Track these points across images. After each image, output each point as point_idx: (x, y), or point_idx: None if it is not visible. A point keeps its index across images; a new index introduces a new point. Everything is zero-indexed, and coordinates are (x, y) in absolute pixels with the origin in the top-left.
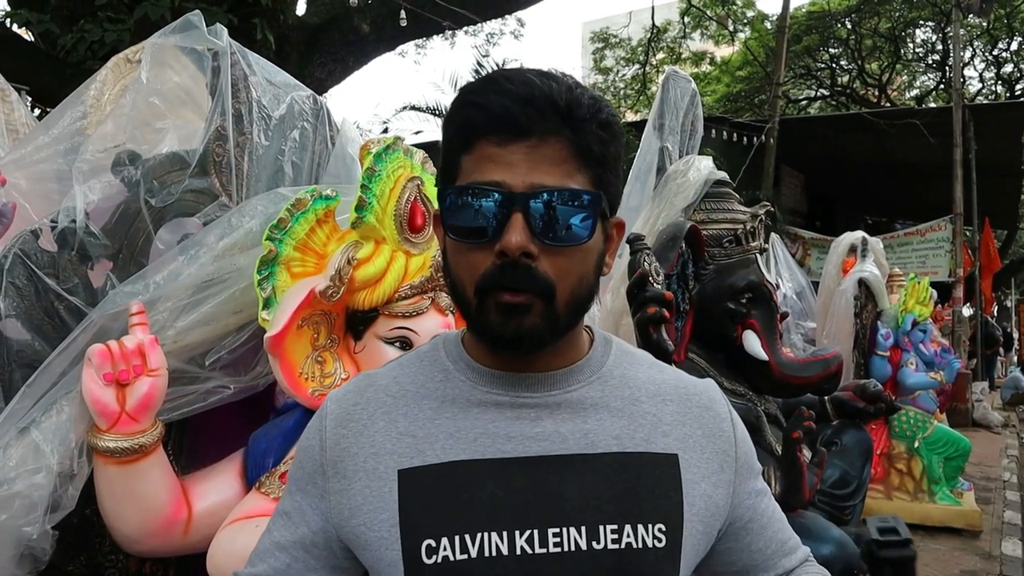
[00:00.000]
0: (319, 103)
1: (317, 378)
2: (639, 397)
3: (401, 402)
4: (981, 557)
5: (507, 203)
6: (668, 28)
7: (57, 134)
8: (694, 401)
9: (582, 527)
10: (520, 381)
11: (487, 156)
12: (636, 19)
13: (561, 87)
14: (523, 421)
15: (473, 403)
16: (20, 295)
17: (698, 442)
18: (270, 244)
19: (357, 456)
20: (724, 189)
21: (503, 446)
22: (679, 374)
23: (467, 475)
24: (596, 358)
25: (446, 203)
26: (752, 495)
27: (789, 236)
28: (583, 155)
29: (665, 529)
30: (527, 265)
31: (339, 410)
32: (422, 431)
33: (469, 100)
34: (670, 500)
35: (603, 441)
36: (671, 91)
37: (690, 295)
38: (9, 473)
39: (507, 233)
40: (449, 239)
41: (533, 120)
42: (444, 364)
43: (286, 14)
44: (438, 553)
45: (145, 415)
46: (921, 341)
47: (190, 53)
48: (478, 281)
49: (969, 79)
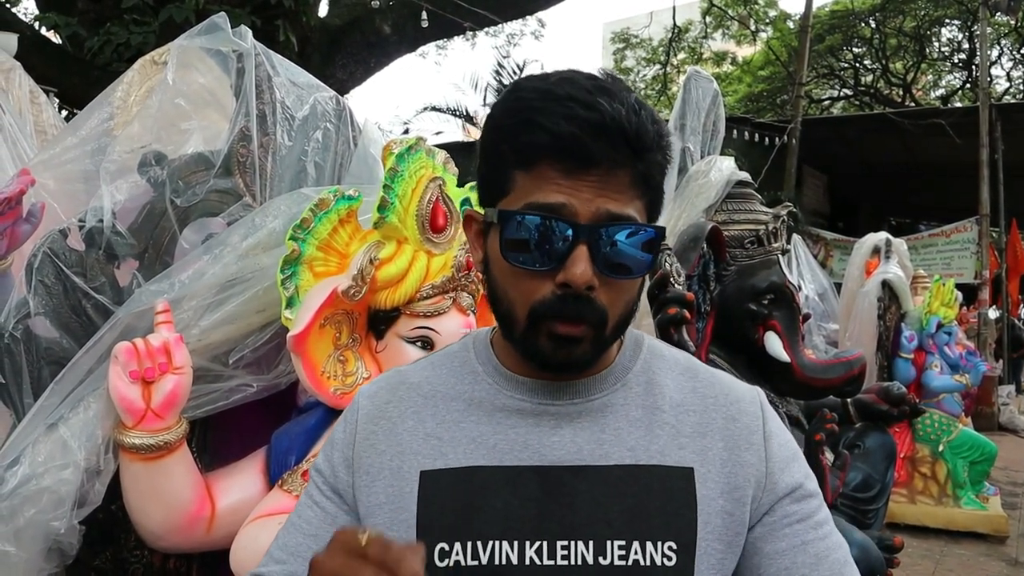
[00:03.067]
0: (342, 104)
1: (339, 377)
2: (661, 406)
3: (431, 403)
4: (1007, 563)
5: (574, 234)
6: (689, 28)
7: (85, 135)
8: (721, 411)
9: (590, 541)
10: (544, 388)
11: (550, 179)
12: (657, 19)
13: (627, 110)
14: (543, 428)
15: (497, 408)
16: (49, 293)
17: (718, 455)
18: (293, 244)
19: (384, 454)
20: (746, 190)
21: (520, 453)
22: (715, 381)
23: (484, 481)
24: (622, 363)
25: (504, 223)
26: (775, 513)
27: (811, 237)
28: (644, 183)
29: (676, 547)
30: (588, 297)
31: (371, 407)
32: (447, 433)
33: (534, 121)
34: (682, 517)
35: (616, 452)
36: (693, 91)
37: (711, 296)
38: (38, 468)
39: (572, 266)
40: (504, 262)
41: (603, 151)
42: (473, 366)
43: (308, 16)
44: (450, 557)
45: (170, 412)
46: (946, 343)
47: (215, 55)
48: (534, 306)
49: (996, 78)
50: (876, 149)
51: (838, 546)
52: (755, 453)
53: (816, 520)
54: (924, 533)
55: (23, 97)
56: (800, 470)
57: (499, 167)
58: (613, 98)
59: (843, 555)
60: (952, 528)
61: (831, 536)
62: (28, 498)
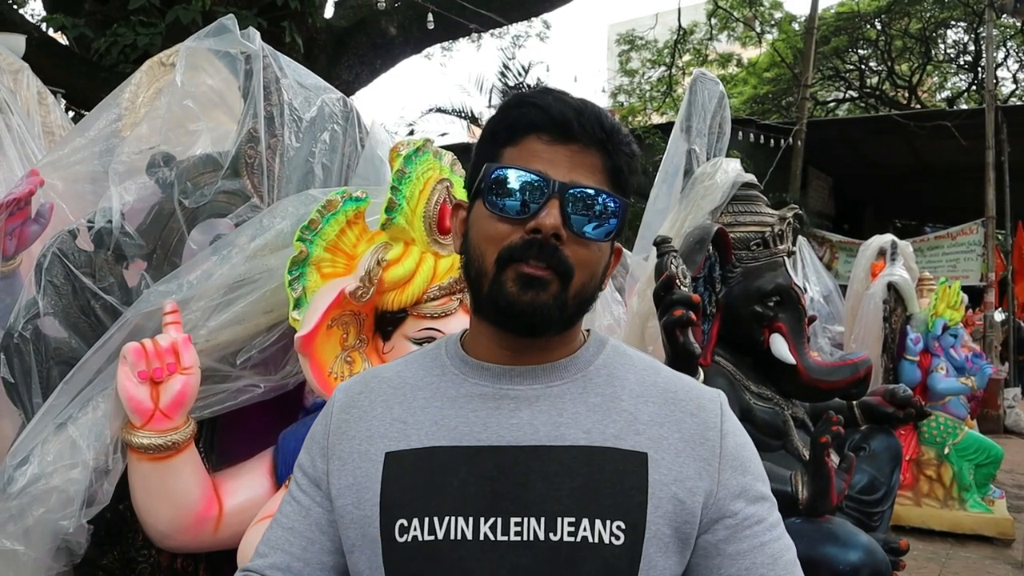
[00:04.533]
0: (349, 106)
1: (346, 378)
2: (620, 396)
3: (400, 392)
4: (1013, 567)
5: (548, 188)
6: (695, 30)
7: (93, 136)
8: (680, 405)
9: (542, 518)
10: (506, 374)
11: (532, 151)
12: (662, 21)
13: (602, 114)
14: (502, 411)
15: (461, 394)
16: (58, 294)
17: (674, 445)
18: (301, 245)
19: (354, 439)
20: (752, 192)
21: (479, 434)
22: (677, 380)
23: (443, 460)
24: (584, 356)
25: (487, 177)
26: (736, 516)
27: (816, 239)
28: (614, 173)
29: (624, 527)
30: (554, 245)
31: (345, 398)
32: (412, 418)
33: (527, 100)
34: (632, 499)
35: (572, 434)
36: (699, 93)
37: (717, 298)
38: (47, 468)
39: (543, 212)
40: (480, 210)
41: (583, 129)
42: (443, 360)
43: (314, 17)
44: (408, 532)
45: (178, 412)
46: (952, 346)
47: (223, 56)
48: (501, 251)
49: (1002, 80)
50: (881, 151)
51: (789, 547)
52: (710, 449)
53: (771, 522)
54: (930, 536)
55: (31, 98)
56: (757, 472)
57: (488, 147)
58: (596, 105)
59: (792, 556)
60: (958, 531)
61: (783, 538)
62: (37, 497)
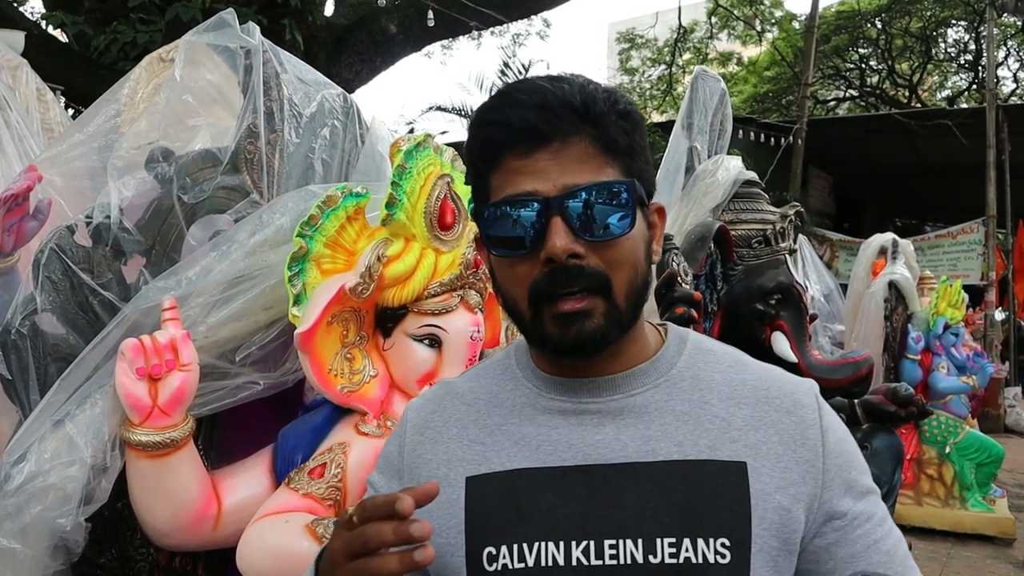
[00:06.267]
0: (349, 101)
1: (346, 375)
2: (709, 400)
3: (474, 409)
4: (1014, 566)
5: (544, 209)
6: (695, 28)
7: (92, 132)
8: (774, 404)
9: (639, 539)
10: (582, 386)
11: (514, 169)
12: (662, 20)
13: (574, 87)
14: (585, 428)
15: (539, 410)
16: (56, 289)
17: (773, 449)
18: (301, 241)
19: (431, 463)
20: (753, 189)
21: (563, 454)
22: (767, 374)
23: (528, 483)
24: (665, 358)
25: (483, 222)
26: (845, 516)
27: (816, 238)
28: (609, 148)
29: (729, 544)
30: (577, 265)
31: (418, 418)
32: (490, 438)
33: (486, 119)
34: (735, 513)
35: (664, 448)
36: (700, 90)
37: (718, 296)
38: (44, 465)
39: (550, 238)
40: (493, 257)
41: (552, 124)
42: (514, 372)
43: (314, 15)
44: (498, 561)
45: (177, 409)
46: (953, 345)
47: (223, 51)
48: (530, 292)
49: (1003, 79)
50: (882, 150)
51: (901, 539)
52: (810, 448)
53: (880, 516)
54: (931, 535)
55: (30, 95)
56: (860, 466)
57: (476, 178)
58: (561, 81)
59: (905, 547)
60: (959, 530)
61: (894, 530)
62: (34, 495)
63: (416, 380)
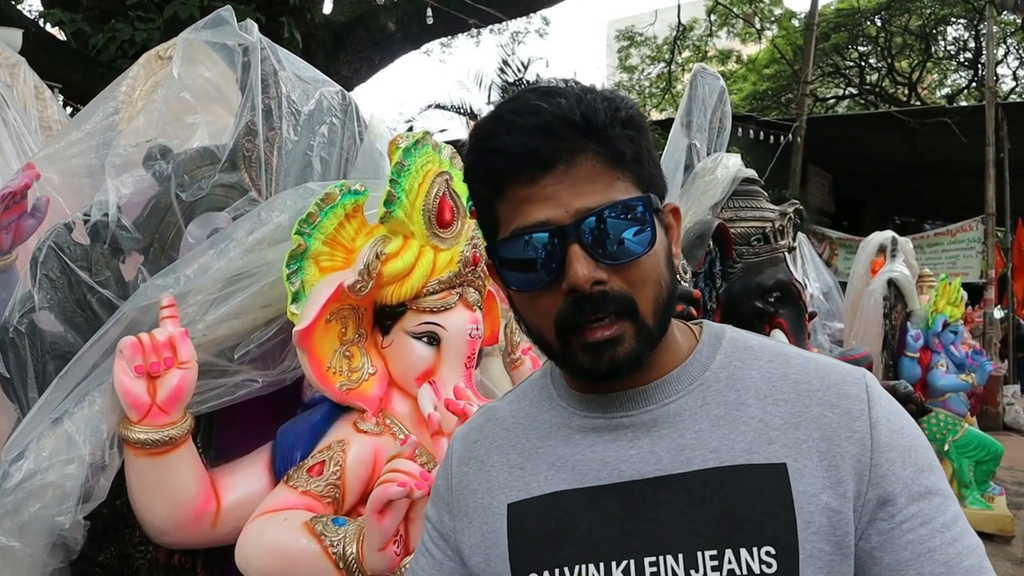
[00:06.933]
0: (347, 99)
1: (345, 372)
2: (746, 400)
3: (513, 434)
4: (1013, 563)
5: (560, 238)
6: (694, 26)
7: (89, 129)
8: (816, 397)
9: (679, 555)
10: (614, 401)
11: (522, 198)
12: (662, 17)
13: (571, 101)
14: (620, 443)
15: (574, 430)
16: (54, 287)
17: (815, 447)
18: (299, 238)
19: (476, 493)
20: (752, 187)
21: (599, 472)
22: (811, 366)
23: (566, 506)
24: (698, 361)
25: (498, 259)
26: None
27: (816, 236)
28: (617, 161)
29: (775, 552)
30: (601, 292)
31: (462, 449)
32: (529, 463)
33: (485, 148)
34: (778, 518)
35: (699, 456)
36: (699, 88)
37: (717, 293)
38: (42, 463)
39: (570, 268)
40: (513, 292)
41: (554, 147)
42: (550, 391)
43: (313, 13)
44: None
45: (175, 407)
46: (952, 343)
47: (220, 49)
48: (556, 324)
49: (1002, 77)
50: (881, 148)
51: (971, 550)
52: (857, 442)
53: (942, 522)
54: None
55: (28, 93)
56: (920, 462)
57: (482, 208)
58: (556, 95)
59: (976, 560)
60: None
61: (962, 539)
62: (33, 493)
63: (415, 378)
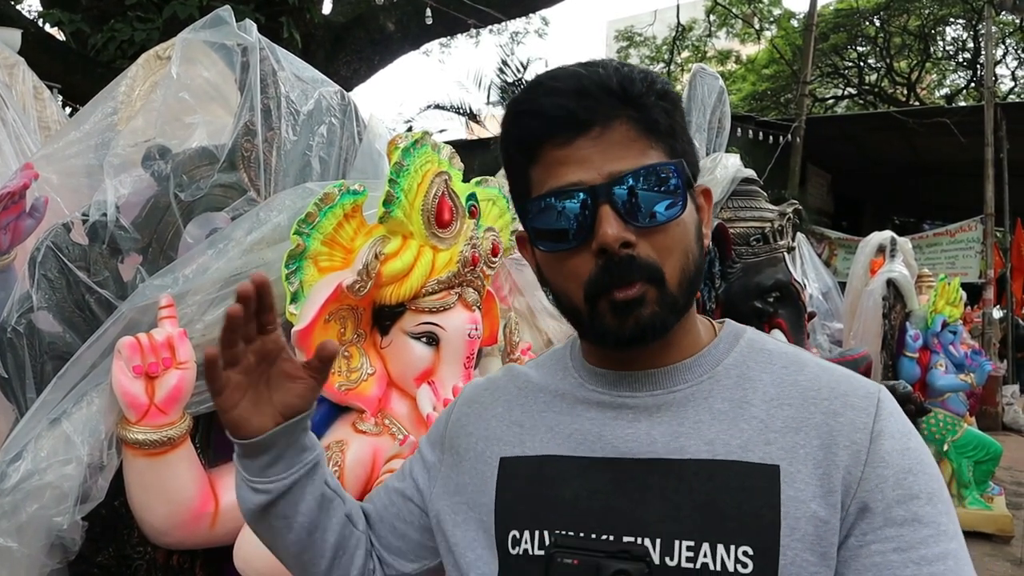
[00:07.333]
0: (346, 99)
1: (344, 373)
2: (751, 400)
3: (523, 393)
4: (1012, 563)
5: (592, 198)
6: (693, 26)
7: (88, 129)
8: (821, 405)
9: (657, 539)
10: (623, 380)
11: (555, 160)
12: (661, 18)
13: (608, 70)
14: (620, 421)
15: (579, 400)
16: (52, 287)
17: (812, 454)
18: (298, 238)
19: (472, 436)
20: (752, 187)
21: (593, 445)
22: (825, 375)
23: (556, 470)
24: (713, 354)
25: (528, 217)
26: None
27: (815, 236)
28: (651, 130)
29: (752, 553)
30: (629, 256)
31: (471, 391)
32: (529, 421)
33: (521, 110)
34: (761, 519)
35: (693, 446)
36: (698, 88)
37: (716, 294)
38: (41, 464)
39: (600, 228)
40: (541, 253)
41: (591, 109)
42: (566, 362)
43: (312, 13)
44: (520, 545)
45: (173, 408)
46: (951, 343)
47: (219, 49)
48: (586, 288)
49: (1001, 77)
50: (880, 148)
51: None
52: (853, 453)
53: (923, 555)
54: None
55: (27, 93)
56: (918, 489)
57: (514, 173)
58: (595, 65)
59: None
60: None
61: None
62: (31, 494)
63: (414, 378)
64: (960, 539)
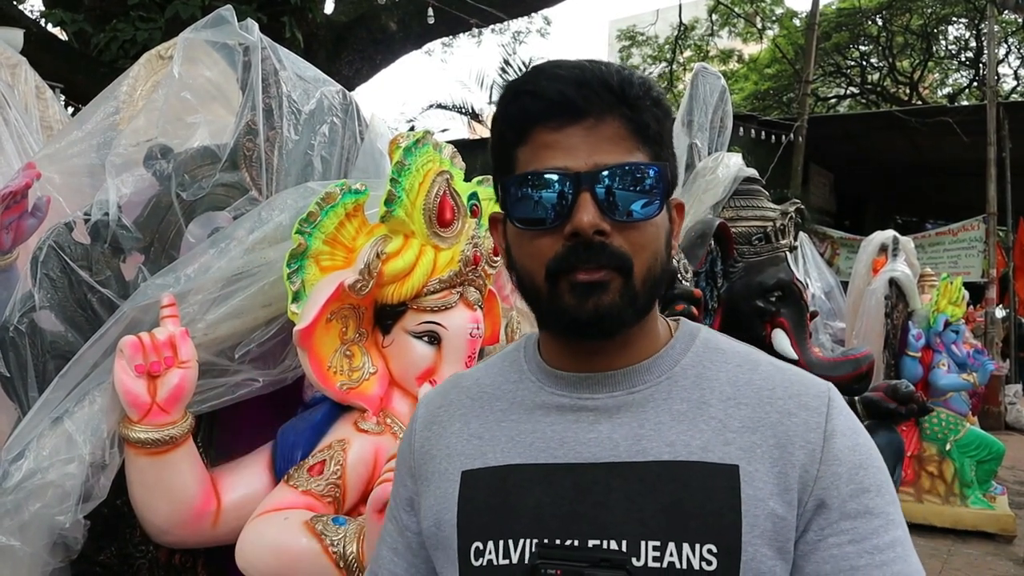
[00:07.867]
0: (348, 98)
1: (345, 372)
2: (709, 400)
3: (478, 404)
4: (1015, 563)
5: (573, 184)
6: (695, 26)
7: (90, 129)
8: (776, 405)
9: (623, 541)
10: (583, 382)
11: (544, 144)
12: (663, 17)
13: (611, 69)
14: (581, 425)
15: (537, 405)
16: (54, 287)
17: (768, 452)
18: (300, 238)
19: (435, 458)
20: (754, 186)
21: (555, 451)
22: (779, 375)
23: (518, 479)
24: (670, 355)
25: (508, 194)
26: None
27: (817, 235)
28: (641, 133)
29: (716, 551)
30: (601, 243)
31: (426, 413)
32: (488, 433)
33: (521, 90)
34: (724, 518)
35: (655, 448)
36: (700, 87)
37: (718, 293)
38: (43, 462)
39: (577, 213)
40: (513, 229)
41: (589, 101)
42: (521, 365)
43: (314, 12)
44: (484, 556)
45: (175, 407)
46: (953, 342)
47: (221, 48)
48: (549, 265)
49: (1003, 76)
50: (883, 147)
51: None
52: (808, 452)
53: (875, 544)
54: (931, 532)
55: (29, 92)
56: (868, 482)
57: (500, 151)
58: (598, 63)
59: None
60: (959, 527)
61: (892, 565)
62: (33, 492)
63: (415, 377)
64: (904, 526)
